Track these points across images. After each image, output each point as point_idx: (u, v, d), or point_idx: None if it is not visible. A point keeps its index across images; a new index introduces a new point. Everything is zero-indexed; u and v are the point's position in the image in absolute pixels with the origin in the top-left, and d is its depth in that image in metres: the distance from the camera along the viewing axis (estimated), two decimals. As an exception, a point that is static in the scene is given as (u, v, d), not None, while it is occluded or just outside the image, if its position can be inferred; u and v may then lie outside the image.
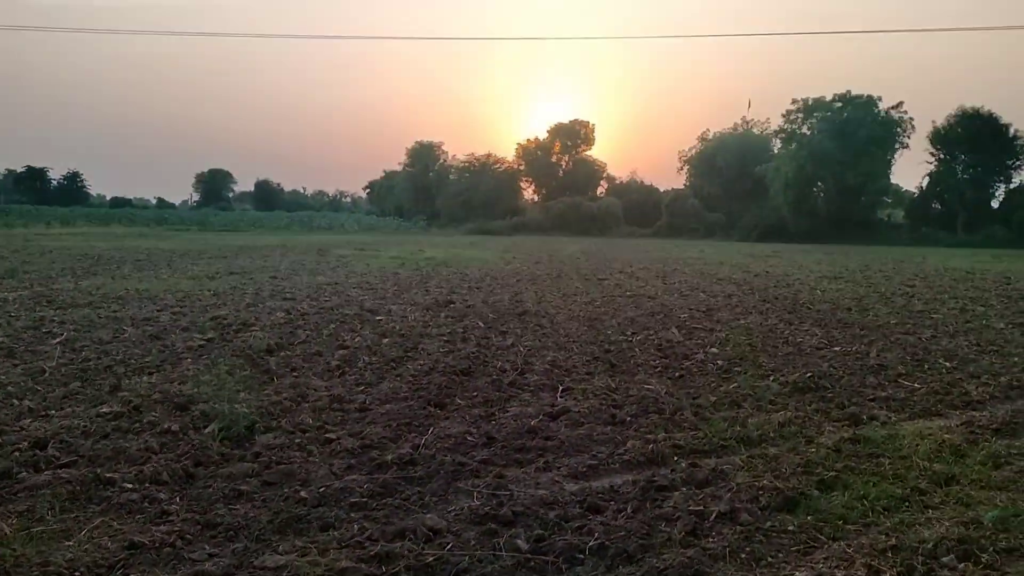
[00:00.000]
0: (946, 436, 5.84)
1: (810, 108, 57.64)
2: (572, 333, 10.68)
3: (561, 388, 7.14)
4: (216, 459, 4.93)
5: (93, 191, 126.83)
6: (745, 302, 15.02)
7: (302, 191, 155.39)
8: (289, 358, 8.36)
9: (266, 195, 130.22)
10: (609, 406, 6.50)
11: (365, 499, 4.35)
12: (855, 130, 54.63)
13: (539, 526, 4.02)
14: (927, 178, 58.76)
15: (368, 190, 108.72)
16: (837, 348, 9.83)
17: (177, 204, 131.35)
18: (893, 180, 61.36)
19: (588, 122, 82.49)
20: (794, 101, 58.41)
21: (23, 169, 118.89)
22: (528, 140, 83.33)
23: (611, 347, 9.66)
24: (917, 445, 5.56)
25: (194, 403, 6.21)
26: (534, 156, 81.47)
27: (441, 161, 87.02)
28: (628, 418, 6.15)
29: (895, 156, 57.61)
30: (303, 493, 4.37)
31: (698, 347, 9.75)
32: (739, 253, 36.89)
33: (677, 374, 8.14)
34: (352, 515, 4.12)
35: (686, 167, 74.51)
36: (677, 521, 4.09)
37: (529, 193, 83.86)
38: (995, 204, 57.58)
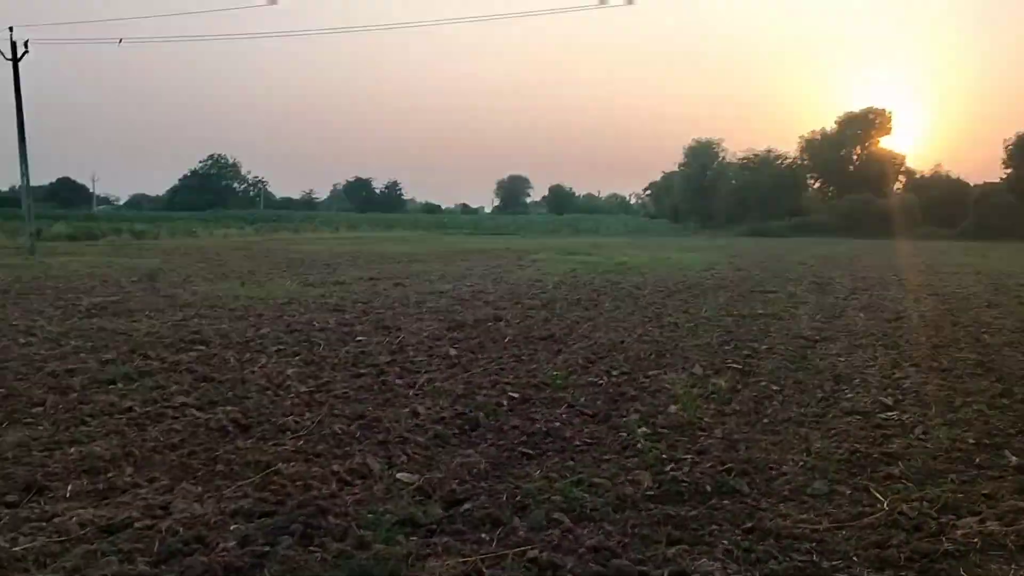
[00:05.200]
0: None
1: None
2: (531, 370, 8.15)
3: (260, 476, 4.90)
4: None
5: (419, 198, 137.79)
6: (895, 329, 11.07)
7: (596, 194, 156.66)
8: (103, 393, 6.97)
9: (559, 199, 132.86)
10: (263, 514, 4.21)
11: None
12: None
13: None
14: None
15: (648, 192, 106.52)
16: (894, 413, 6.36)
17: (489, 209, 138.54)
18: None
19: (884, 109, 72.74)
20: None
21: (352, 179, 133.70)
22: (812, 132, 75.66)
23: (545, 391, 7.12)
24: None
25: None
26: (820, 150, 73.66)
27: (720, 159, 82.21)
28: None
29: None
30: None
31: (654, 407, 6.80)
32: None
33: (520, 451, 5.53)
34: None
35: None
36: None
37: (814, 191, 76.18)
38: None
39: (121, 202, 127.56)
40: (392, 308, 13.23)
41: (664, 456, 5.34)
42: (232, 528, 4.02)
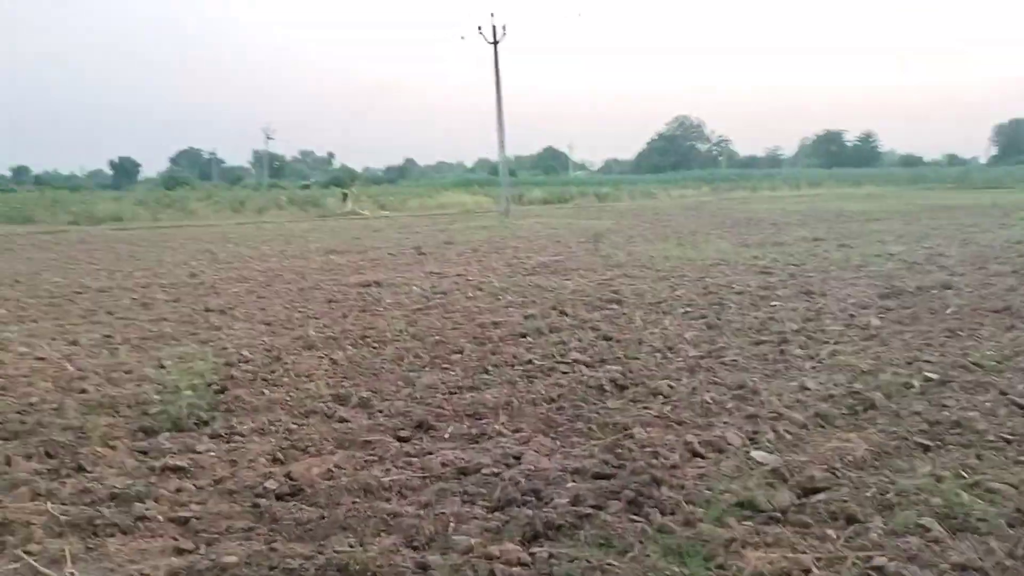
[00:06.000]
0: None
1: None
2: (965, 348, 6.85)
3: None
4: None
5: (899, 150, 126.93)
6: None
7: None
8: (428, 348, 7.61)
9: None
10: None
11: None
12: None
13: None
14: None
15: None
16: None
17: (984, 160, 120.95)
18: None
19: None
20: None
21: (821, 132, 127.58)
22: None
23: (973, 373, 5.97)
24: None
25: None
26: None
27: None
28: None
29: None
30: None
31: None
32: None
33: (915, 440, 4.68)
34: None
35: None
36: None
37: None
38: None
39: (595, 168, 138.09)
40: (826, 272, 12.30)
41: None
42: (568, 485, 4.07)
